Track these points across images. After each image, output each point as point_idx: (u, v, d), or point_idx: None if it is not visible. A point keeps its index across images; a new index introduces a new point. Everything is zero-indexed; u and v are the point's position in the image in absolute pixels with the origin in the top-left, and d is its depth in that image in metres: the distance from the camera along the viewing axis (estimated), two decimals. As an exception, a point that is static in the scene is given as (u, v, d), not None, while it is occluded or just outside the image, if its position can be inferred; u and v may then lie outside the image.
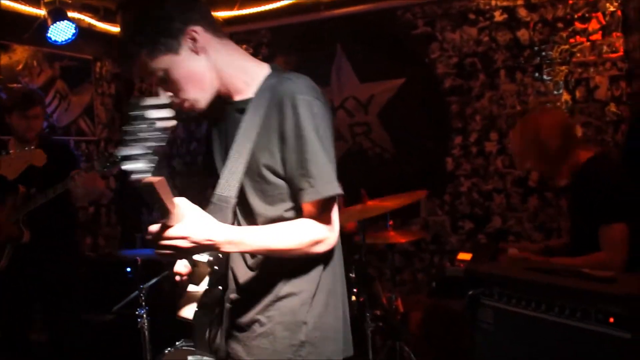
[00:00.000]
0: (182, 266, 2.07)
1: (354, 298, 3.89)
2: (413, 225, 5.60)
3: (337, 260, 2.08)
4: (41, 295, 4.19)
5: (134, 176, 1.57)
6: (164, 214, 1.65)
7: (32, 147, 3.60)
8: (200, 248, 1.78)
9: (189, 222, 1.72)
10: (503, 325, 2.53)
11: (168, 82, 1.92)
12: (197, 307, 2.04)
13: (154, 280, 4.09)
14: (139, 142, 1.58)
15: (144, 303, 3.98)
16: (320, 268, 2.01)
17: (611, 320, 2.09)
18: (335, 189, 1.88)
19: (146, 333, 3.98)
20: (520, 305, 2.43)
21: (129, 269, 4.80)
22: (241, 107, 1.97)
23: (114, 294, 4.51)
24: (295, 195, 1.91)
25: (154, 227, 1.73)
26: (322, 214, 1.90)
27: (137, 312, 3.98)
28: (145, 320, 3.97)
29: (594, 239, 3.02)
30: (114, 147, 6.52)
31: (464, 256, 3.87)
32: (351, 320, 2.15)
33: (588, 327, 2.16)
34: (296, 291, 1.98)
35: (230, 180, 1.94)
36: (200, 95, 1.96)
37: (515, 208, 5.31)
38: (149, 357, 3.99)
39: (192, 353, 3.52)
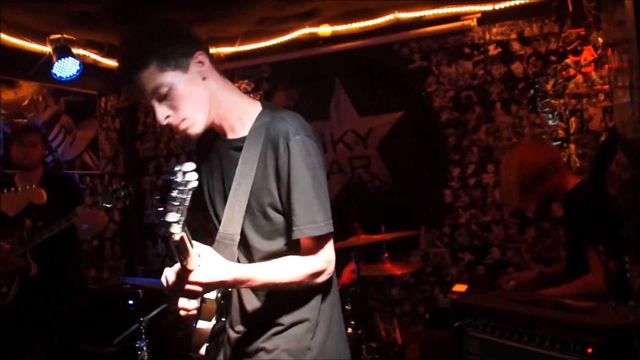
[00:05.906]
0: (186, 301, 2.11)
1: (350, 330, 3.93)
2: (413, 256, 5.65)
3: (334, 290, 2.17)
4: (43, 326, 4.24)
5: (176, 237, 1.62)
6: (184, 260, 1.73)
7: (34, 186, 3.70)
8: (213, 287, 1.87)
9: (204, 267, 1.79)
10: (489, 356, 2.57)
11: (170, 98, 1.94)
12: (208, 341, 2.09)
13: (154, 313, 4.14)
14: (180, 207, 1.60)
15: (144, 335, 4.03)
16: (319, 298, 2.11)
17: (589, 350, 2.13)
18: (316, 229, 1.96)
19: (146, 365, 4.03)
20: (504, 336, 2.47)
21: (131, 302, 4.85)
22: (237, 145, 2.04)
23: (116, 325, 4.56)
24: (289, 231, 2.00)
25: (171, 275, 1.81)
26: (316, 248, 2.00)
27: (137, 344, 4.03)
28: (146, 353, 4.01)
29: (586, 262, 3.08)
30: (118, 182, 6.61)
31: (460, 287, 3.91)
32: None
33: (568, 357, 2.20)
34: (300, 320, 2.07)
35: (233, 217, 2.02)
36: (200, 117, 1.99)
37: (513, 239, 5.35)
38: (148, 389, 4.03)
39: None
